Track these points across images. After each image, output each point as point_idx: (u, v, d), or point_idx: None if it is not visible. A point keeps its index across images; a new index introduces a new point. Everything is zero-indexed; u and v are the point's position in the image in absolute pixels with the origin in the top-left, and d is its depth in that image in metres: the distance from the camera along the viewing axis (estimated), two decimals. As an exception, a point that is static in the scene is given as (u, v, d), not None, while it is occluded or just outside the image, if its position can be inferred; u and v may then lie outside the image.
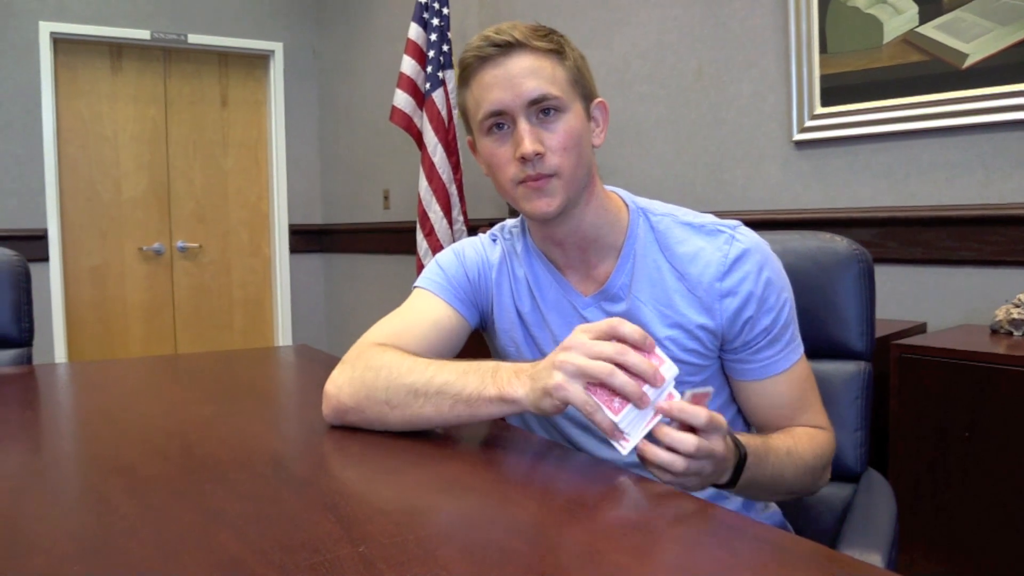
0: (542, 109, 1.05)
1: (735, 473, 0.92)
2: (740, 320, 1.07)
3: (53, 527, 0.78)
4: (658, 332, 1.08)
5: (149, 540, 0.73)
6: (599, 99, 1.14)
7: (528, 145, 1.03)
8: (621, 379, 0.84)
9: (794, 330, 1.10)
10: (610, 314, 1.12)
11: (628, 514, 0.75)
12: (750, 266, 1.07)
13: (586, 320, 1.13)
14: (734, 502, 1.11)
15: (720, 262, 1.07)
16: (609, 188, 1.17)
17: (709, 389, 0.88)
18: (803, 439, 1.06)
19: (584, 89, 1.10)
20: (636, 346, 0.86)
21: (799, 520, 1.22)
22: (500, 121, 1.06)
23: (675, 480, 0.85)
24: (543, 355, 1.18)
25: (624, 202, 1.15)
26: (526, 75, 1.04)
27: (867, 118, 2.31)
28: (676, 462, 0.84)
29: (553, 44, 1.06)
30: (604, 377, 0.84)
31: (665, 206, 1.15)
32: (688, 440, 0.83)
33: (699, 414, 0.84)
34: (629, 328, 0.86)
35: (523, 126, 1.04)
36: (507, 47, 1.04)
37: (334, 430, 1.08)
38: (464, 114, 1.14)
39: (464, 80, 1.10)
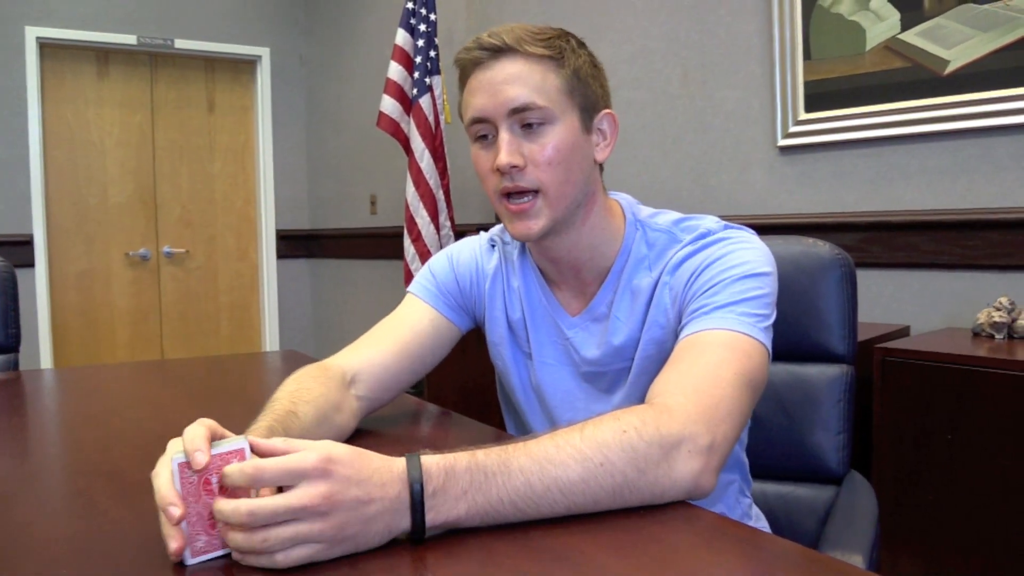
0: (525, 121, 0.99)
1: (417, 515, 0.70)
2: (684, 289, 1.01)
3: (42, 532, 0.79)
4: (635, 345, 1.06)
5: (137, 544, 0.74)
6: (607, 111, 1.07)
7: (503, 157, 0.98)
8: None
9: (733, 304, 0.95)
10: (594, 335, 1.10)
11: (611, 515, 0.76)
12: (709, 250, 1.01)
13: (569, 341, 1.11)
14: (717, 508, 1.10)
15: (690, 261, 1.02)
16: (613, 195, 1.13)
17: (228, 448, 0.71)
18: (605, 419, 0.80)
19: (585, 100, 1.03)
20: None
21: (781, 522, 1.23)
22: (483, 130, 1.02)
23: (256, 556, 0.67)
24: (527, 373, 1.16)
25: (624, 215, 1.11)
26: (511, 81, 0.99)
27: (850, 124, 2.33)
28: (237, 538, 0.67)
29: (551, 50, 1.00)
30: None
31: (669, 218, 1.09)
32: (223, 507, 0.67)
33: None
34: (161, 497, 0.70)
35: (503, 136, 1.00)
36: (495, 51, 1.00)
37: (322, 434, 1.08)
38: (461, 118, 1.10)
39: (461, 83, 1.06)
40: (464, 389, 3.08)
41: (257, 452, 0.71)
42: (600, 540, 0.72)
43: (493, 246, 1.21)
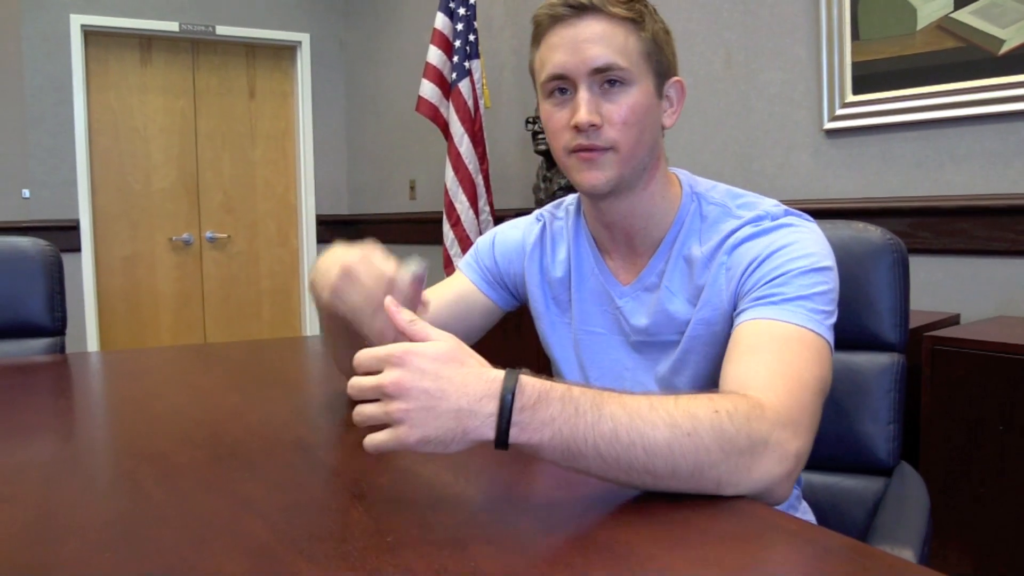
0: (607, 79, 0.99)
1: (503, 423, 0.72)
2: (745, 274, 0.99)
3: (85, 513, 0.79)
4: (687, 317, 1.05)
5: (179, 527, 0.74)
6: (676, 78, 1.08)
7: (584, 115, 0.99)
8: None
9: (803, 299, 0.93)
10: (644, 304, 1.09)
11: (657, 506, 0.75)
12: (773, 235, 1.00)
13: (620, 310, 1.11)
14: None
15: (750, 244, 1.01)
16: (673, 170, 1.13)
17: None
18: (699, 396, 0.80)
19: (660, 65, 1.04)
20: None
21: (828, 513, 1.21)
22: (562, 86, 1.02)
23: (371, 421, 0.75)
24: (573, 341, 1.16)
25: (681, 187, 1.10)
26: (595, 41, 0.99)
27: (900, 106, 2.27)
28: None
29: (632, 12, 1.00)
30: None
31: (724, 193, 1.08)
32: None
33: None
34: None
35: (583, 94, 1.00)
36: (581, 9, 0.99)
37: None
38: (532, 73, 1.10)
39: (535, 39, 1.06)
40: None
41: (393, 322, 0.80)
42: (648, 532, 0.70)
43: (539, 220, 1.23)
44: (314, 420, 1.21)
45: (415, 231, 4.72)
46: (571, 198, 1.22)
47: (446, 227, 3.63)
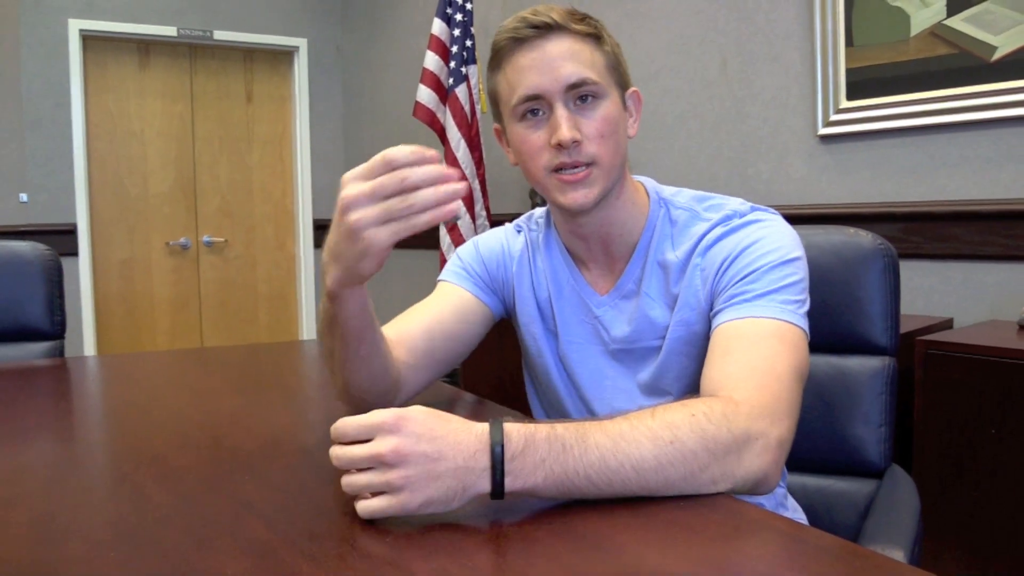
0: (580, 95, 1.01)
1: (498, 475, 0.73)
2: (718, 273, 1.02)
3: (88, 515, 0.80)
4: (667, 321, 1.07)
5: (180, 528, 0.75)
6: (633, 88, 1.10)
7: (566, 131, 0.99)
8: (422, 196, 0.81)
9: (774, 292, 0.96)
10: (624, 312, 1.10)
11: (650, 506, 0.76)
12: (742, 233, 1.02)
13: (598, 320, 1.12)
14: (770, 500, 1.08)
15: (722, 243, 1.03)
16: (637, 178, 1.15)
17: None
18: (674, 405, 0.82)
19: (620, 77, 1.07)
20: (415, 163, 0.80)
21: (820, 515, 1.22)
22: (535, 107, 1.03)
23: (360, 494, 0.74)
24: (558, 352, 1.17)
25: (648, 194, 1.13)
26: (565, 58, 1.00)
27: (893, 112, 2.29)
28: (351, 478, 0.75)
29: (591, 28, 1.03)
30: (403, 208, 0.81)
31: (689, 197, 1.11)
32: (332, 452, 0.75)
33: (343, 429, 0.74)
34: (399, 153, 0.80)
35: (560, 112, 1.01)
36: (545, 29, 1.01)
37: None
38: (494, 99, 1.10)
39: (496, 63, 1.06)
40: (499, 378, 3.09)
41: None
42: (639, 531, 0.71)
43: (519, 231, 1.24)
44: (313, 422, 1.22)
45: (411, 235, 4.72)
46: (540, 211, 1.23)
47: (443, 231, 3.64)
